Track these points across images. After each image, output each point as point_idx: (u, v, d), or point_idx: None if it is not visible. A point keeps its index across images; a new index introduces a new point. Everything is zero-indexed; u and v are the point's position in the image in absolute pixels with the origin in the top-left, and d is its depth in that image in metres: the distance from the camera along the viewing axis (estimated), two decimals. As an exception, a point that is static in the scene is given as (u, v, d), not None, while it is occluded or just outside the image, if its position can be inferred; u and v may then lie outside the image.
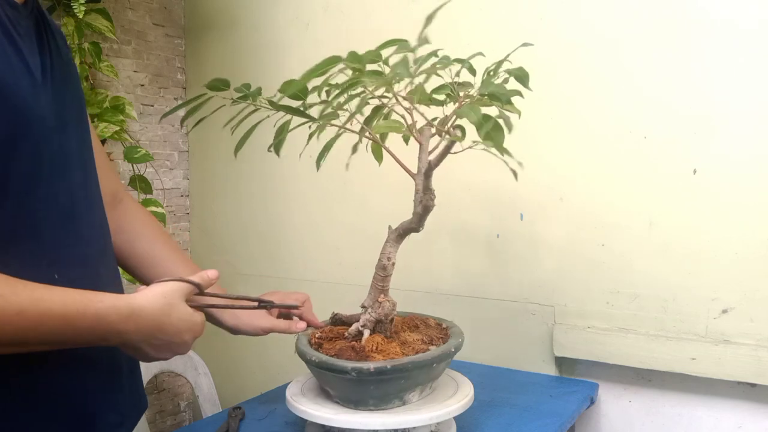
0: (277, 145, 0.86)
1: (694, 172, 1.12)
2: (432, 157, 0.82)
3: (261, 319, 0.97)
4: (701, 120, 1.11)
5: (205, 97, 0.84)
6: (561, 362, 1.27)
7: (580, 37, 1.21)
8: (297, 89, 0.80)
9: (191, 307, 0.75)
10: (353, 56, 0.76)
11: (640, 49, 1.15)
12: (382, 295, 0.89)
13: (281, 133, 0.86)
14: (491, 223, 1.32)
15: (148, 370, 1.59)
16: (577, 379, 1.24)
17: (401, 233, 0.90)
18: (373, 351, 0.84)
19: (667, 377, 1.17)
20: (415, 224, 0.87)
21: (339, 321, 0.97)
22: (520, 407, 1.07)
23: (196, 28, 1.80)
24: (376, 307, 0.89)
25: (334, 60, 0.77)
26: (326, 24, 1.54)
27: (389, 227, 0.93)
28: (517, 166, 0.70)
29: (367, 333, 0.88)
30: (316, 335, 0.93)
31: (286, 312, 0.98)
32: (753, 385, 1.10)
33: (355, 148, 0.86)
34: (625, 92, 1.17)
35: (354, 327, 0.90)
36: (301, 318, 0.97)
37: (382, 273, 0.89)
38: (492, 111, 0.76)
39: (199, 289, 0.77)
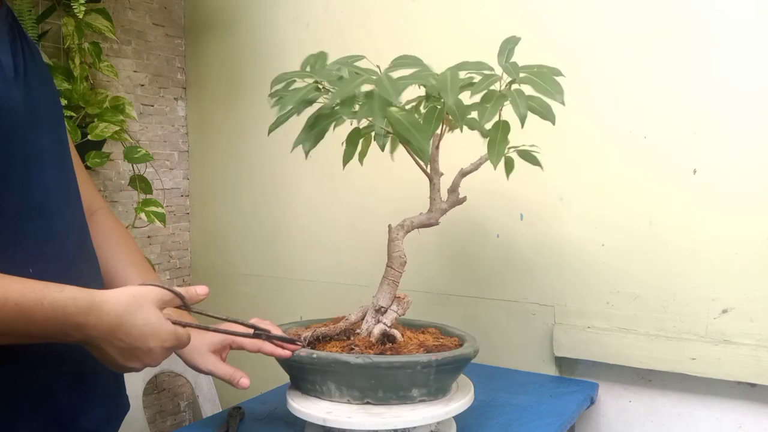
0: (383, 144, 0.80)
1: (694, 172, 1.12)
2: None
3: (204, 357, 0.88)
4: (701, 120, 1.11)
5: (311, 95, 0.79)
6: (561, 362, 1.27)
7: (580, 38, 1.21)
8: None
9: (173, 322, 0.71)
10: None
11: (640, 49, 1.15)
12: (397, 292, 0.89)
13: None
14: (491, 223, 1.32)
15: (148, 370, 1.59)
16: (577, 379, 1.24)
17: (409, 229, 0.90)
18: (421, 344, 0.86)
19: (667, 377, 1.17)
20: (435, 219, 0.90)
21: (321, 337, 0.90)
22: (520, 407, 1.07)
23: (196, 28, 1.80)
24: (402, 304, 0.89)
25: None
26: (326, 24, 1.54)
27: (389, 226, 0.93)
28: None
29: (396, 332, 0.88)
30: (353, 348, 0.86)
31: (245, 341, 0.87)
32: (753, 385, 1.10)
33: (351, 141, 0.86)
34: (625, 92, 1.17)
35: (378, 329, 0.87)
36: (263, 352, 0.88)
37: (401, 269, 0.90)
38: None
39: (183, 302, 0.73)
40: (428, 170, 0.89)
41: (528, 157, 0.94)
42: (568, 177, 1.23)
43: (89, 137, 1.42)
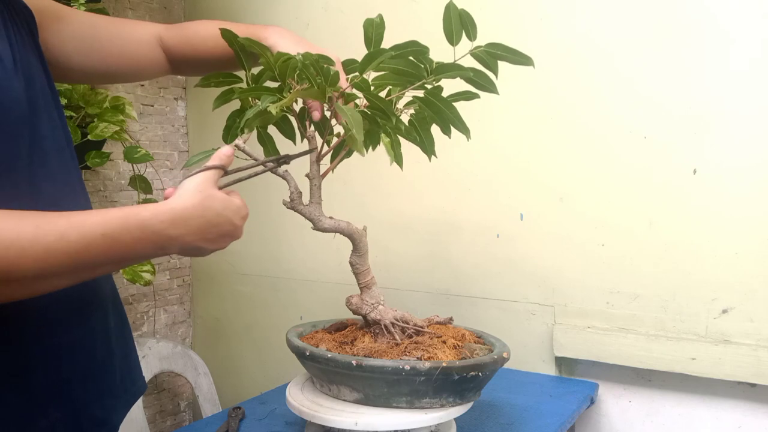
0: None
1: (694, 172, 1.12)
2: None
3: None
4: (701, 120, 1.11)
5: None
6: (561, 362, 1.27)
7: (580, 38, 1.21)
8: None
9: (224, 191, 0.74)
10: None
11: (641, 49, 1.15)
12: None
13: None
14: (491, 223, 1.32)
15: (148, 370, 1.59)
16: (577, 379, 1.25)
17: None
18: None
19: (667, 377, 1.17)
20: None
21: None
22: (520, 407, 1.07)
23: (196, 28, 1.80)
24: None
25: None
26: (326, 24, 1.54)
27: (364, 227, 0.94)
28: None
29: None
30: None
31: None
32: (753, 385, 1.10)
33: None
34: (625, 92, 1.17)
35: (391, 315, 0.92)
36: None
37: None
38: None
39: (224, 171, 0.76)
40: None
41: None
42: (568, 177, 1.23)
43: (89, 137, 1.42)
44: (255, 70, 0.89)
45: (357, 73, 0.79)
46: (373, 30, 0.80)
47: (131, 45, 0.92)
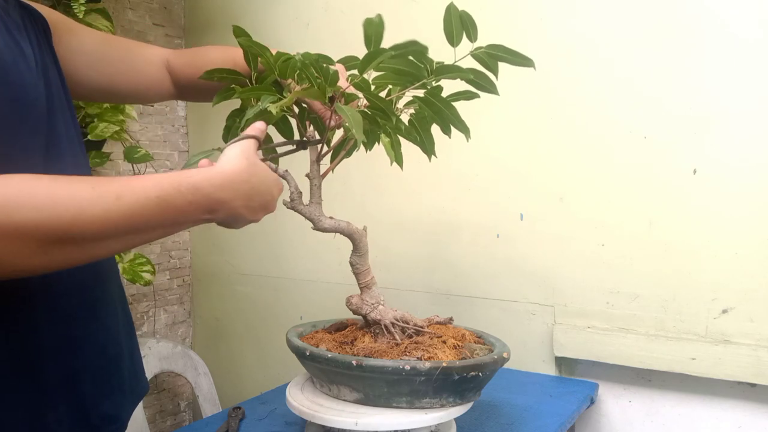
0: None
1: (694, 172, 1.12)
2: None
3: None
4: (701, 120, 1.11)
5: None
6: (561, 362, 1.27)
7: (580, 38, 1.21)
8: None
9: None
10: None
11: (641, 49, 1.15)
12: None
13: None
14: (491, 223, 1.32)
15: (148, 370, 1.59)
16: (577, 379, 1.25)
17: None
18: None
19: (667, 377, 1.17)
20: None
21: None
22: (520, 407, 1.07)
23: (196, 28, 1.80)
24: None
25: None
26: (326, 24, 1.54)
27: (364, 227, 0.94)
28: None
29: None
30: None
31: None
32: (753, 385, 1.10)
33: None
34: (625, 92, 1.17)
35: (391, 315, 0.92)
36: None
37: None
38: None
39: (259, 143, 0.77)
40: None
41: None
42: (568, 177, 1.23)
43: (89, 137, 1.42)
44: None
45: (357, 73, 0.79)
46: (373, 30, 0.79)
47: (139, 64, 0.93)
